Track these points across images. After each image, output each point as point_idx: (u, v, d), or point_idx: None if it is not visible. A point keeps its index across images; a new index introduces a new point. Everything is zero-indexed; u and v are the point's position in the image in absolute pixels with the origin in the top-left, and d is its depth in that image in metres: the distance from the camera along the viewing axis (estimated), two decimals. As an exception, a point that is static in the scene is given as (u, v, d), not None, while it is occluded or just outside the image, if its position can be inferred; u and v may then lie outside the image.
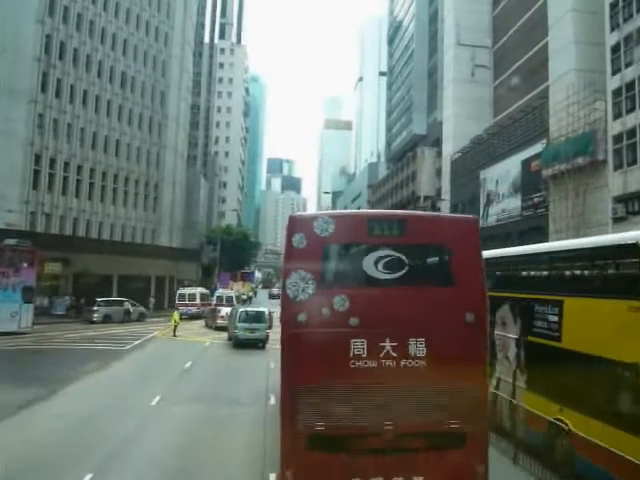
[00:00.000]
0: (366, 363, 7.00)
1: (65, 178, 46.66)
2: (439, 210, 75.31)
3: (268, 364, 21.60)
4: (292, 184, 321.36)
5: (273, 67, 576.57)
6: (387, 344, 7.01)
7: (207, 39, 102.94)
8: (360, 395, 7.02)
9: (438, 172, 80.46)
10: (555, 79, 46.04)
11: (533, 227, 47.42)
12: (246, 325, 28.05)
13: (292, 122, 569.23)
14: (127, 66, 53.26)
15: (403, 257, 7.32)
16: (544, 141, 45.56)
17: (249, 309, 29.80)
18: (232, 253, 74.59)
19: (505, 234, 52.50)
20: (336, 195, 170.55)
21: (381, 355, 7.01)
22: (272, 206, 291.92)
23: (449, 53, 75.35)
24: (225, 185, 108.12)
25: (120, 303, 40.96)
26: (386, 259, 7.28)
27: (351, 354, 6.98)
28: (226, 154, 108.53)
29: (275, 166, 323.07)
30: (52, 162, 45.28)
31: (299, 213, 9.17)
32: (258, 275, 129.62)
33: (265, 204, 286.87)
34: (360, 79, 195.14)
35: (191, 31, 67.40)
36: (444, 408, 7.04)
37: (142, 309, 42.52)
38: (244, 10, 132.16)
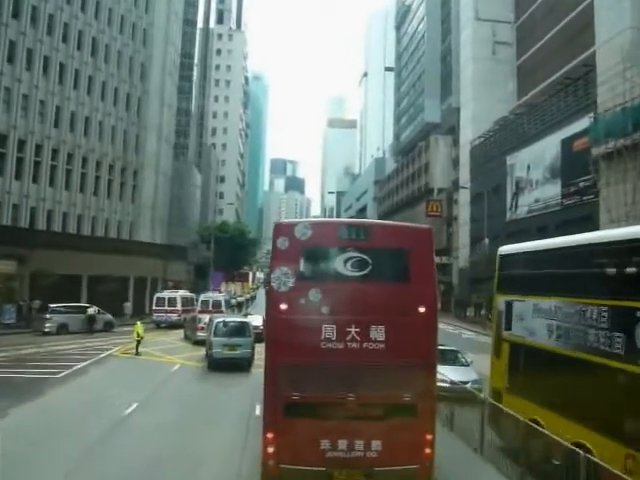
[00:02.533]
0: (334, 345, 8.04)
1: (20, 159, 38.91)
2: (456, 203, 68.81)
3: (252, 407, 14.30)
4: (296, 185, 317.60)
5: (275, 67, 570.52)
6: (352, 329, 8.07)
7: (202, 23, 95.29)
8: (329, 371, 8.08)
9: (454, 162, 74.07)
10: (603, 42, 38.85)
11: (578, 218, 40.15)
12: (224, 340, 21.17)
13: (295, 123, 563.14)
14: (100, 31, 45.54)
15: (367, 258, 8.33)
16: (592, 114, 38.28)
17: (228, 319, 22.44)
18: (228, 252, 67.46)
19: (538, 227, 45.85)
20: (340, 195, 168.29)
21: (347, 339, 8.06)
22: (275, 207, 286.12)
23: (467, 29, 68.59)
24: (223, 179, 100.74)
25: (81, 309, 33.68)
26: (353, 259, 8.32)
27: (322, 337, 8.04)
28: (223, 146, 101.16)
29: (278, 167, 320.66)
30: (3, 139, 37.57)
31: (284, 220, 11.63)
32: (260, 275, 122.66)
33: (268, 205, 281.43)
34: (365, 74, 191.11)
35: (179, 1, 59.53)
36: (399, 383, 8.13)
37: (109, 317, 35.16)
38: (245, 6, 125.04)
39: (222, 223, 74.10)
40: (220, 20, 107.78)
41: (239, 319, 22.96)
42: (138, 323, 25.39)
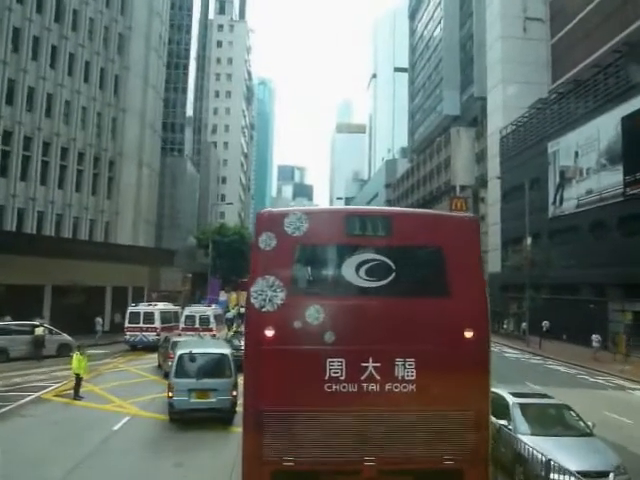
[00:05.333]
0: (344, 387, 6.13)
1: (-40, 142, 31.82)
2: (483, 201, 61.71)
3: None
4: (304, 191, 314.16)
5: (281, 73, 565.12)
6: (370, 365, 6.16)
7: (200, 14, 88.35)
8: (337, 425, 6.11)
9: (478, 157, 67.33)
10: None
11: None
12: (191, 383, 13.89)
13: (303, 129, 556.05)
14: (65, -8, 38.23)
15: (389, 262, 6.41)
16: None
17: (196, 350, 14.73)
18: (228, 257, 60.68)
19: (593, 223, 38.54)
20: (349, 201, 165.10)
21: (362, 378, 6.16)
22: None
23: (494, 5, 62.19)
24: (224, 180, 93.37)
25: (26, 329, 26.23)
26: (369, 264, 6.38)
27: (327, 376, 6.12)
28: (225, 145, 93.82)
29: (286, 173, 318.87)
30: None
31: (268, 208, 7.89)
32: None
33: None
34: (373, 76, 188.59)
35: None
36: (437, 441, 6.18)
37: (65, 338, 27.57)
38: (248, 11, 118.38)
39: (221, 226, 66.96)
40: (222, 12, 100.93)
41: (214, 349, 15.19)
42: (76, 354, 17.79)
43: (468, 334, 6.28)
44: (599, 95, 39.51)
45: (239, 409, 13.16)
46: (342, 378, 6.12)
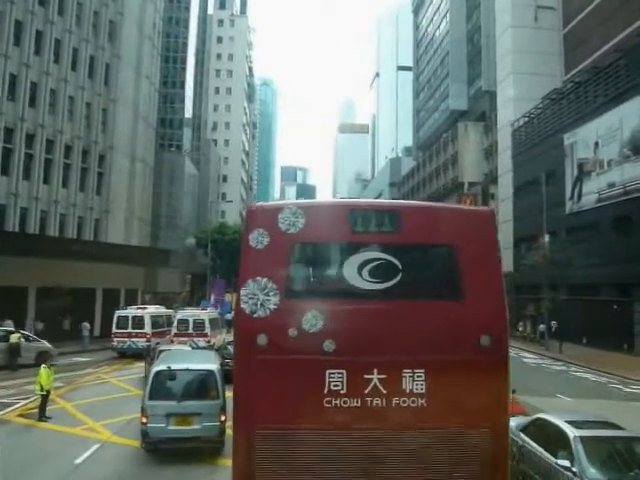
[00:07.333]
0: (346, 402, 5.57)
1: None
2: (493, 198, 59.28)
3: None
4: (307, 192, 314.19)
5: (284, 74, 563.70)
6: (374, 376, 5.60)
7: (199, 8, 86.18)
8: (337, 445, 5.53)
9: (487, 152, 65.00)
10: None
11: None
12: (169, 406, 11.43)
13: (305, 129, 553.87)
14: (50, -27, 35.92)
15: (396, 261, 5.83)
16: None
17: (176, 366, 12.18)
18: (229, 257, 58.67)
19: (616, 219, 36.28)
20: None
21: (366, 391, 5.59)
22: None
23: (503, -8, 59.11)
24: (225, 179, 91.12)
25: (1, 335, 23.89)
26: (374, 264, 5.81)
27: (326, 390, 5.57)
28: (226, 142, 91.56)
29: (289, 174, 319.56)
30: None
31: (260, 203, 6.92)
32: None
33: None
34: (377, 75, 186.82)
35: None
36: (451, 463, 5.58)
37: (44, 345, 25.12)
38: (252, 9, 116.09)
39: (221, 225, 64.89)
40: (222, 7, 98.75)
41: (198, 365, 12.53)
42: (42, 367, 15.32)
43: (485, 341, 5.71)
44: (621, 82, 37.13)
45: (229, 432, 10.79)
46: (343, 392, 5.59)
